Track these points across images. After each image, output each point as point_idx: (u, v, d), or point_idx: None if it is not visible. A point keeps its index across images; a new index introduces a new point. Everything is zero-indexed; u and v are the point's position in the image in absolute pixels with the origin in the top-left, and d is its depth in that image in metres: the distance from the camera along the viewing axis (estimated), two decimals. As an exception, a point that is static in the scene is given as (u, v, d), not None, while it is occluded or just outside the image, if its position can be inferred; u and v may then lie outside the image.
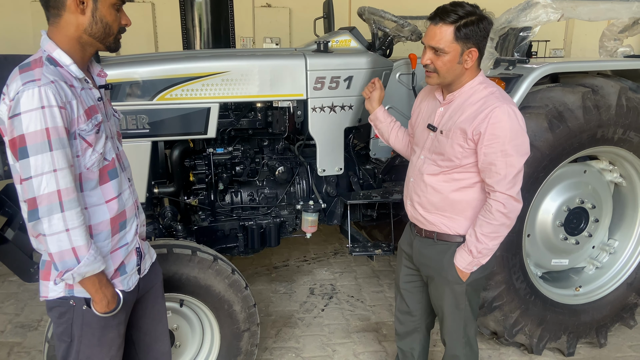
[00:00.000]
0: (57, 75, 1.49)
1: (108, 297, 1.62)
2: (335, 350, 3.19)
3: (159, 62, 2.69)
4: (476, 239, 1.99)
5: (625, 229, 3.31)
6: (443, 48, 1.90)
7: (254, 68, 2.76)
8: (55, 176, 1.44)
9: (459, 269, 2.07)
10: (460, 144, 1.95)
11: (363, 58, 3.00)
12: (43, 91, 1.42)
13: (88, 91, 1.61)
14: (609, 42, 3.45)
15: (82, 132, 1.53)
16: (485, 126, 1.87)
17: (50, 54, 1.53)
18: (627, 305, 3.25)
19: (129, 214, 1.74)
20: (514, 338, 2.98)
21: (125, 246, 1.73)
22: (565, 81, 2.93)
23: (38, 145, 1.42)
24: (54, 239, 1.47)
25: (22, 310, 3.60)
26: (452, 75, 1.97)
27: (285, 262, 4.48)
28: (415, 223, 2.24)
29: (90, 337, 1.67)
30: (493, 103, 1.89)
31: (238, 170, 3.03)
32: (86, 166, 1.57)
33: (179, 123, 2.72)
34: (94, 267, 1.54)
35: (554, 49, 8.71)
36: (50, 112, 1.43)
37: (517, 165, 1.91)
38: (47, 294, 1.65)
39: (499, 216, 1.93)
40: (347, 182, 3.30)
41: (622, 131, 2.89)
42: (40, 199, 1.45)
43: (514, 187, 1.92)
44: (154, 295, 1.93)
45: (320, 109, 2.95)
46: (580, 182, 3.10)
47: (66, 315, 1.66)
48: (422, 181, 2.12)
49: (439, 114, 2.08)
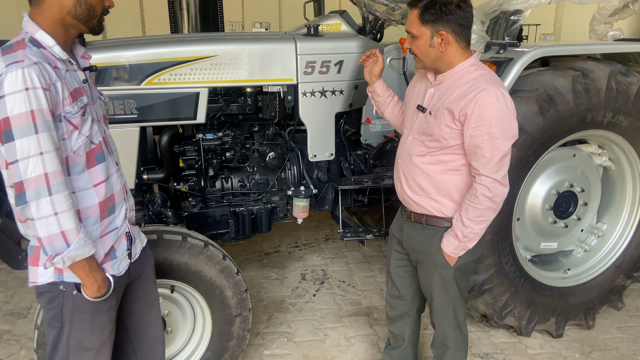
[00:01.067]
0: (40, 57, 1.46)
1: (99, 282, 1.61)
2: (327, 335, 3.21)
3: (147, 45, 2.65)
4: (462, 223, 1.98)
5: (614, 213, 3.34)
6: (413, 32, 1.96)
7: (243, 52, 2.73)
8: (42, 159, 1.42)
9: (446, 253, 2.07)
10: (448, 125, 1.94)
11: (354, 42, 2.97)
12: (27, 73, 1.39)
13: (72, 73, 1.58)
14: (599, 26, 3.44)
15: (67, 114, 1.51)
16: (472, 107, 1.86)
17: (32, 35, 1.50)
18: (615, 287, 3.30)
19: (117, 198, 1.72)
20: (503, 320, 3.01)
21: (115, 230, 1.71)
22: (555, 65, 2.93)
23: (23, 127, 1.40)
24: (42, 222, 1.45)
25: (12, 298, 3.57)
26: (429, 59, 1.99)
27: (276, 248, 4.49)
28: (405, 205, 2.24)
29: (81, 322, 1.66)
30: (482, 85, 1.88)
31: (228, 156, 3.01)
32: (72, 149, 1.55)
33: (167, 108, 2.69)
34: (84, 251, 1.53)
35: (543, 34, 8.71)
36: (34, 94, 1.40)
37: (503, 148, 1.89)
38: (36, 280, 1.63)
39: (484, 200, 1.92)
40: (338, 168, 3.29)
41: (612, 115, 2.90)
42: (28, 182, 1.43)
43: (499, 171, 1.91)
44: (145, 280, 1.92)
45: (311, 94, 2.93)
46: (570, 166, 3.12)
47: (56, 301, 1.64)
48: (410, 162, 2.12)
49: (429, 95, 2.08)
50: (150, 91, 2.62)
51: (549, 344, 3.13)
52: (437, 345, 2.40)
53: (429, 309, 2.35)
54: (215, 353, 2.54)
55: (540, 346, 3.11)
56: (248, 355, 2.97)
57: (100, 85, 2.53)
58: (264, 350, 3.04)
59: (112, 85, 2.56)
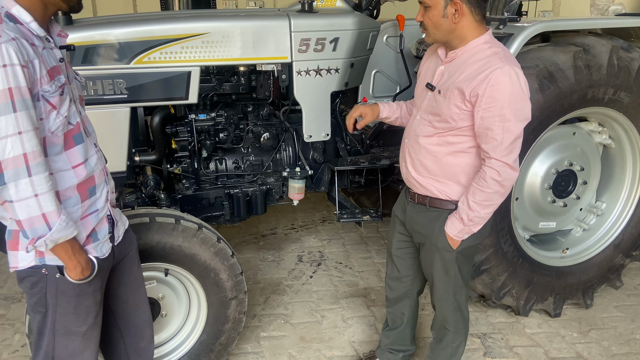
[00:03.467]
0: (17, 33, 1.39)
1: (82, 264, 1.57)
2: (324, 316, 3.19)
3: (136, 23, 2.56)
4: (468, 206, 1.93)
5: (613, 191, 3.31)
6: (426, 1, 1.87)
7: (236, 29, 2.65)
8: (20, 139, 1.37)
9: (450, 236, 2.02)
10: (457, 105, 1.87)
11: (349, 18, 2.89)
12: (4, 49, 1.33)
13: (49, 51, 1.52)
14: (601, 1, 3.37)
15: (45, 93, 1.45)
16: (484, 88, 1.78)
17: (8, 10, 1.43)
18: (614, 266, 3.28)
19: (98, 180, 1.68)
20: (501, 300, 3.00)
21: (96, 212, 1.67)
22: (556, 40, 2.86)
23: (1, 106, 1.34)
24: (22, 205, 1.40)
25: (5, 283, 3.54)
26: (441, 31, 1.90)
27: (272, 230, 4.45)
28: (409, 186, 2.19)
29: (66, 305, 1.63)
30: (495, 64, 1.79)
31: (222, 137, 2.95)
32: (50, 130, 1.49)
33: (158, 88, 2.62)
34: (66, 233, 1.48)
35: (542, 10, 8.58)
36: (12, 70, 1.34)
37: (515, 131, 1.81)
38: (17, 264, 1.59)
39: (492, 184, 1.85)
40: (334, 148, 3.24)
41: (613, 91, 2.84)
42: (6, 162, 1.37)
43: (510, 154, 1.84)
44: (129, 262, 1.89)
45: (306, 73, 2.86)
46: (569, 144, 3.07)
47: (39, 285, 1.61)
48: (416, 143, 2.06)
49: (438, 72, 2.00)
50: (140, 70, 2.55)
51: (547, 324, 3.12)
52: (437, 327, 2.38)
53: (430, 291, 2.32)
54: (211, 336, 2.52)
55: (538, 325, 3.10)
56: (245, 337, 2.96)
57: (88, 64, 2.46)
58: (261, 333, 3.03)
59: (101, 64, 2.48)
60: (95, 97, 2.50)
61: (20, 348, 2.87)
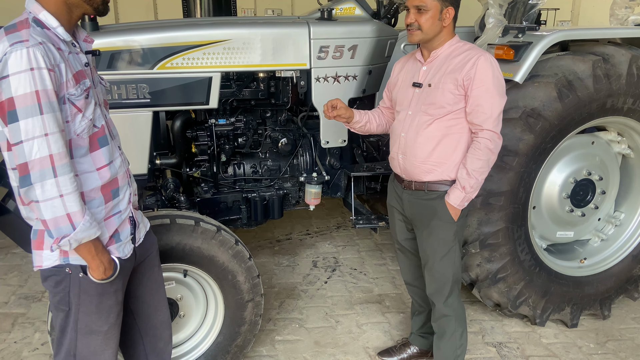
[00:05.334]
0: (44, 37, 1.44)
1: (105, 264, 1.60)
2: (339, 322, 3.20)
3: (159, 29, 2.63)
4: (468, 174, 2.16)
5: (632, 201, 3.28)
6: (426, 5, 2.13)
7: (256, 36, 2.70)
8: (47, 140, 1.41)
9: (452, 206, 2.22)
10: (451, 91, 2.15)
11: (368, 26, 2.92)
12: (32, 52, 1.37)
13: (75, 55, 1.56)
14: (620, 10, 3.35)
15: (71, 96, 1.49)
16: (475, 72, 2.10)
17: (36, 15, 1.47)
18: (632, 277, 3.24)
19: (121, 181, 1.71)
20: (517, 309, 2.98)
21: (119, 214, 1.70)
22: (575, 49, 2.86)
23: (28, 108, 1.38)
24: (47, 205, 1.44)
25: (26, 282, 3.61)
26: (433, 31, 2.17)
27: (288, 235, 4.48)
28: (405, 176, 2.34)
29: (88, 304, 1.66)
30: (476, 53, 2.14)
31: (240, 142, 2.99)
32: (76, 132, 1.53)
33: (180, 93, 2.67)
34: (89, 233, 1.51)
35: (561, 20, 8.54)
36: (39, 74, 1.38)
37: (499, 105, 2.14)
38: (41, 263, 1.62)
39: (487, 152, 2.13)
40: (351, 154, 3.26)
41: (632, 101, 2.83)
42: (32, 164, 1.41)
43: (498, 125, 2.15)
44: (150, 264, 1.92)
45: (324, 79, 2.89)
46: (588, 154, 3.06)
47: (62, 284, 1.64)
48: (415, 133, 2.25)
49: (422, 72, 2.26)
50: (163, 75, 2.60)
51: (564, 334, 3.09)
52: (437, 316, 2.45)
53: (427, 280, 2.43)
54: (228, 337, 2.55)
55: (554, 336, 3.07)
56: (260, 340, 2.98)
57: (113, 69, 2.52)
58: (276, 336, 3.05)
59: (124, 69, 2.54)
60: (119, 101, 2.56)
61: (40, 346, 2.93)
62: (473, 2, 3.75)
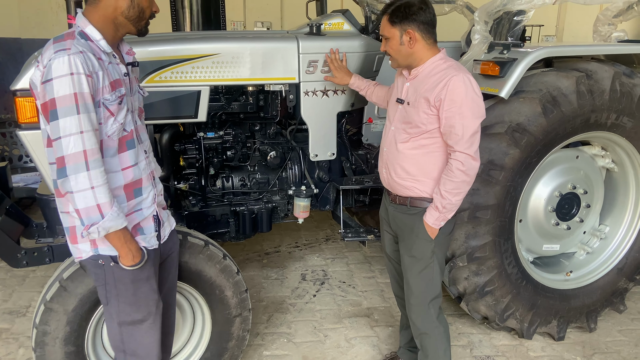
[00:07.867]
0: (86, 48, 1.62)
1: (132, 251, 1.74)
2: (327, 336, 3.19)
3: (148, 43, 2.62)
4: (441, 195, 2.17)
5: (616, 215, 3.33)
6: (386, 34, 2.20)
7: (246, 50, 2.71)
8: (81, 137, 1.57)
9: (428, 225, 2.23)
10: (425, 111, 2.15)
11: (356, 41, 2.96)
12: (72, 59, 1.55)
13: (115, 66, 1.74)
14: (603, 27, 3.43)
15: (106, 101, 1.66)
16: (445, 93, 2.08)
17: (82, 29, 1.68)
18: (617, 290, 3.28)
19: (145, 182, 1.86)
20: (504, 323, 2.99)
21: (140, 211, 1.84)
22: (559, 66, 2.91)
23: (67, 108, 1.55)
24: (80, 195, 1.59)
25: (10, 297, 3.56)
26: (401, 56, 2.21)
27: (276, 248, 4.47)
28: (390, 190, 2.38)
29: (125, 293, 1.81)
30: (451, 73, 2.10)
31: (229, 155, 2.99)
32: (107, 134, 1.69)
33: (168, 106, 2.67)
34: (117, 223, 1.65)
35: (546, 35, 8.69)
36: (78, 78, 1.56)
37: (473, 126, 2.09)
38: (80, 255, 1.78)
39: (459, 174, 2.11)
40: (340, 168, 3.27)
41: (615, 116, 2.88)
42: (68, 158, 1.57)
43: (471, 147, 2.11)
44: (171, 263, 2.07)
45: (313, 93, 2.91)
46: (573, 168, 3.10)
47: (100, 276, 1.80)
48: (395, 149, 2.29)
49: (405, 88, 2.28)
50: (151, 89, 2.59)
51: (551, 347, 3.11)
52: (416, 334, 2.45)
53: (406, 296, 2.44)
54: (215, 353, 2.53)
55: (541, 349, 3.09)
56: (247, 355, 2.95)
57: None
58: (264, 351, 3.02)
59: (113, 82, 2.53)
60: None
61: (23, 362, 2.88)
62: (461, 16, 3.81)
